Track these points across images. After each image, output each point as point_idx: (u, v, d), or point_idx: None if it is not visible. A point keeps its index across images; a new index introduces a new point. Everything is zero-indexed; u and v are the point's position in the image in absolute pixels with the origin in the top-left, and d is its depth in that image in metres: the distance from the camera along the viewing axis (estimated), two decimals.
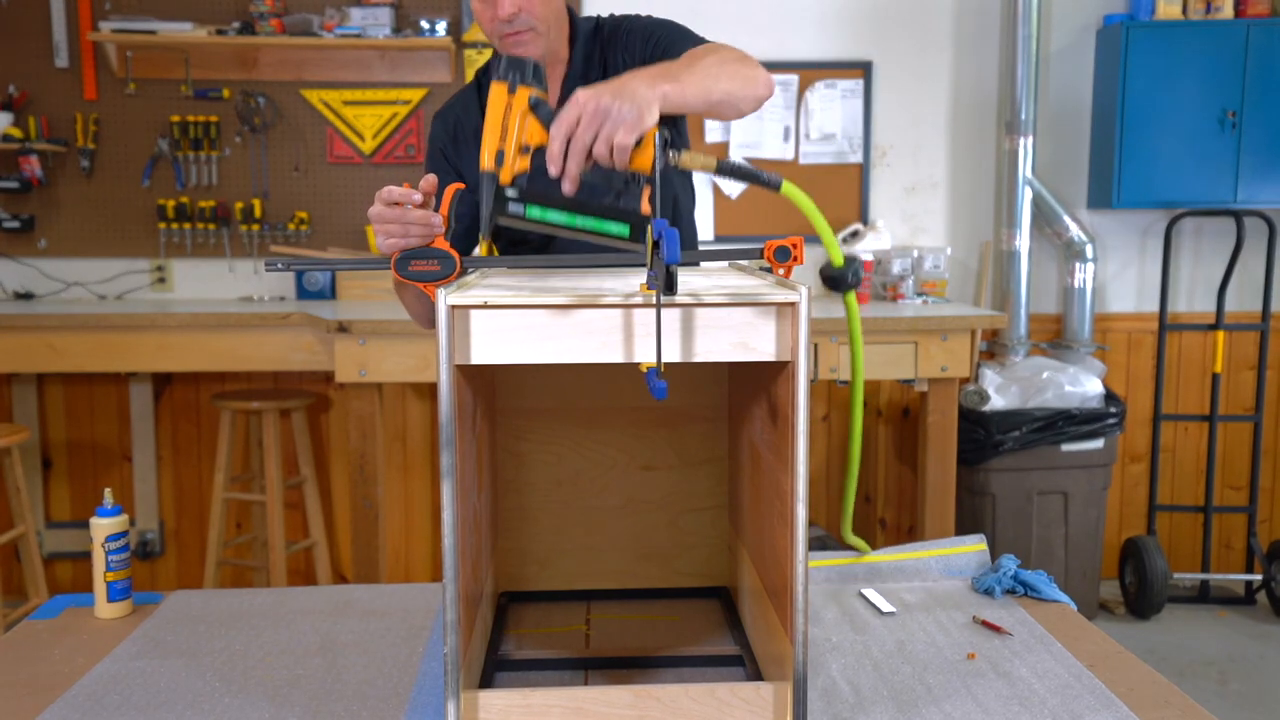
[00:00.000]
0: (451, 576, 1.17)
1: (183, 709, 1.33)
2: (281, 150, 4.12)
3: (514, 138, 1.29)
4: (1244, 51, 3.95)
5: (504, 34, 1.79)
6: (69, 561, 4.26)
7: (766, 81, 1.64)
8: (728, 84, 1.54)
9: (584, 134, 1.26)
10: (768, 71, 1.66)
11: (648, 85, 1.32)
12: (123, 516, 1.64)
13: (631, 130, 1.26)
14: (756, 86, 1.61)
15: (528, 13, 1.77)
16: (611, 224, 1.27)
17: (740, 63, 1.62)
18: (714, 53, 1.63)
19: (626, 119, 1.26)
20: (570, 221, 1.27)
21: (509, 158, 1.28)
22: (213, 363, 3.68)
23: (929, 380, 3.62)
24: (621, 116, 1.26)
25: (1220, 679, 3.51)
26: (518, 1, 1.76)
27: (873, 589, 1.73)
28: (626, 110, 1.26)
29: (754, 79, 1.61)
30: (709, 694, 1.26)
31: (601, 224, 1.27)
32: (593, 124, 1.26)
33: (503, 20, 1.77)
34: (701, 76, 1.49)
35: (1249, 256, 4.17)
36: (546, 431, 1.70)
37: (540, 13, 1.79)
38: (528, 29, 1.79)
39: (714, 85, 1.51)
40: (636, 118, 1.26)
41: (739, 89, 1.57)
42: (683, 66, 1.52)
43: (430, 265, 1.37)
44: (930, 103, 4.24)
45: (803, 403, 1.16)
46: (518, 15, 1.76)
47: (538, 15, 1.78)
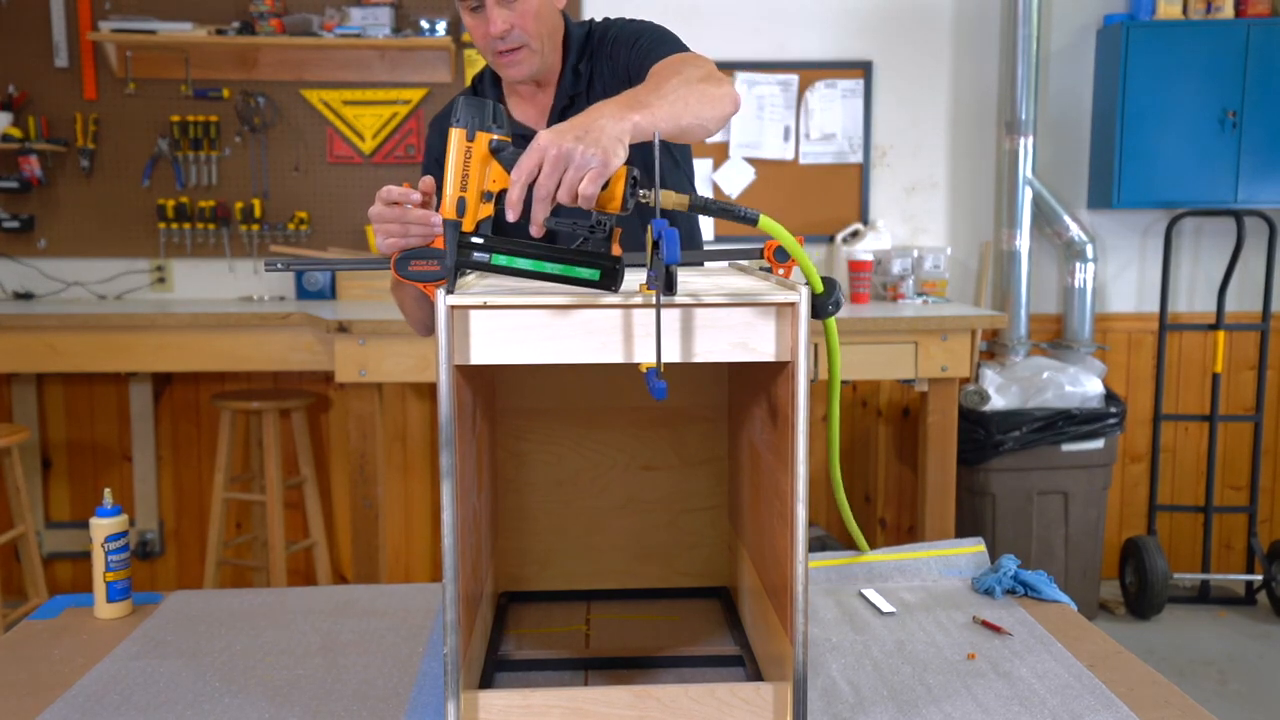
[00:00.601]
0: (451, 576, 1.17)
1: (183, 709, 1.33)
2: (281, 150, 4.12)
3: (475, 184, 1.25)
4: (1244, 51, 3.95)
5: (497, 50, 1.78)
6: (69, 561, 4.26)
7: (733, 99, 1.59)
8: (696, 108, 1.49)
9: (546, 181, 1.20)
10: (732, 85, 1.63)
11: (615, 119, 1.28)
12: (122, 516, 1.64)
13: (597, 177, 1.20)
14: (723, 105, 1.56)
15: (520, 29, 1.76)
16: (581, 269, 1.21)
17: (706, 81, 1.57)
18: (680, 73, 1.58)
19: (591, 165, 1.20)
20: (538, 268, 1.22)
21: (471, 205, 1.25)
22: (213, 363, 3.68)
23: (929, 380, 3.62)
24: (586, 162, 1.20)
25: (1220, 679, 3.51)
26: (509, 18, 1.75)
27: (873, 589, 1.73)
28: (591, 155, 1.20)
29: (721, 98, 1.56)
30: (709, 694, 1.26)
31: (570, 269, 1.21)
32: (555, 170, 1.20)
33: (495, 37, 1.75)
34: (671, 102, 1.45)
35: (1249, 256, 4.17)
36: (546, 431, 1.70)
37: (533, 29, 1.77)
38: (520, 46, 1.78)
39: (683, 110, 1.46)
40: (602, 163, 1.20)
41: (707, 111, 1.52)
42: (650, 91, 1.48)
43: (430, 265, 1.37)
44: (930, 103, 4.24)
45: (803, 403, 1.16)
46: (510, 32, 1.75)
47: (530, 32, 1.77)
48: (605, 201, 1.23)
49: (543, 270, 1.22)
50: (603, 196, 1.23)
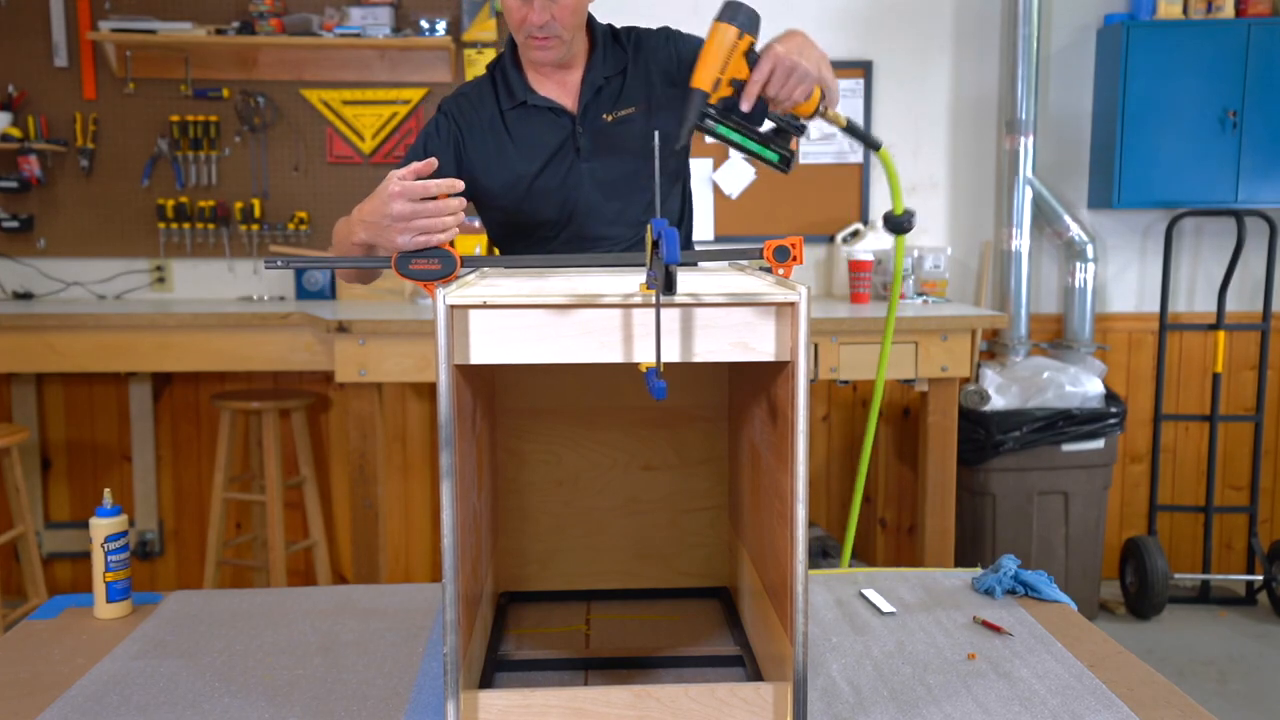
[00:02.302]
0: (451, 576, 1.17)
1: (183, 709, 1.33)
2: (281, 150, 4.12)
3: (730, 72, 1.65)
4: (1245, 51, 3.94)
5: (531, 35, 1.89)
6: (68, 562, 4.25)
7: None
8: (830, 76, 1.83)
9: (774, 83, 1.64)
10: None
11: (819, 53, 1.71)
12: (122, 517, 1.64)
13: (809, 86, 1.67)
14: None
15: (558, 22, 1.87)
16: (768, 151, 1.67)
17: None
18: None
19: (809, 75, 1.66)
20: (742, 141, 1.65)
21: (722, 85, 1.65)
22: (212, 363, 3.67)
23: (929, 380, 3.62)
24: (805, 72, 1.66)
25: (1220, 679, 3.51)
26: (552, 10, 1.86)
27: (873, 589, 1.73)
28: (809, 69, 1.66)
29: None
30: (709, 694, 1.26)
31: (763, 149, 1.66)
32: (782, 76, 1.65)
33: (534, 25, 1.87)
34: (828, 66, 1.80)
35: (1250, 256, 4.17)
36: (546, 431, 1.70)
37: (569, 22, 1.89)
38: (554, 36, 1.89)
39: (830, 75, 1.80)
40: (816, 75, 1.67)
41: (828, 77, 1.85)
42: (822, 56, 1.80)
43: (431, 264, 1.36)
44: (930, 103, 4.24)
45: (802, 403, 1.16)
46: (549, 23, 1.87)
47: (566, 24, 1.88)
48: (805, 108, 1.68)
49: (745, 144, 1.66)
50: (804, 104, 1.68)
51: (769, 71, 1.64)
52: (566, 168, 1.98)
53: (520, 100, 1.97)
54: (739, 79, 1.65)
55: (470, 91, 2.01)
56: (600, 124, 1.97)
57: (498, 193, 1.98)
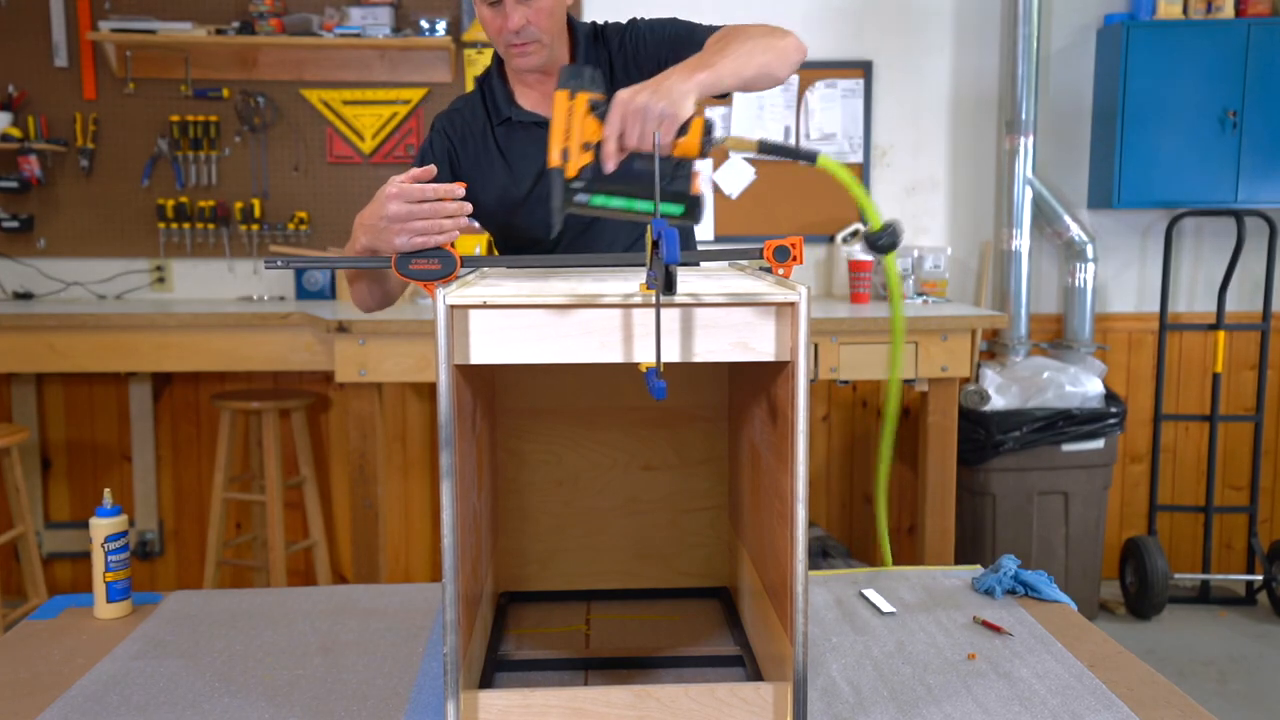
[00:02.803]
0: (451, 576, 1.17)
1: (183, 709, 1.33)
2: (281, 150, 4.12)
3: (577, 137, 1.42)
4: (1245, 51, 3.94)
5: (510, 44, 1.85)
6: (68, 562, 4.25)
7: (796, 47, 1.75)
8: (760, 58, 1.66)
9: (630, 133, 1.40)
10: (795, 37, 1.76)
11: (682, 79, 1.46)
12: (122, 517, 1.64)
13: (670, 127, 1.40)
14: (787, 54, 1.72)
15: (535, 25, 1.83)
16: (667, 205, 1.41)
17: (768, 36, 1.72)
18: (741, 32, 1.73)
19: (664, 114, 1.40)
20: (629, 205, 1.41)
21: (573, 154, 1.42)
22: (212, 363, 3.67)
23: (929, 380, 3.62)
24: (659, 112, 1.40)
25: (1220, 679, 3.51)
26: (526, 15, 1.82)
27: (873, 589, 1.73)
28: (662, 106, 1.40)
29: (784, 48, 1.71)
30: (709, 694, 1.26)
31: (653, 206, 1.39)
32: (635, 122, 1.40)
33: (511, 31, 1.83)
34: (734, 58, 1.61)
35: (1249, 256, 4.17)
36: (546, 431, 1.70)
37: (546, 25, 1.84)
38: (533, 40, 1.85)
39: (747, 62, 1.63)
40: (672, 114, 1.40)
41: (771, 60, 1.68)
42: (715, 52, 1.62)
43: (431, 264, 1.36)
44: (930, 103, 4.24)
45: (803, 403, 1.16)
46: (526, 28, 1.83)
47: (543, 28, 1.84)
48: (685, 147, 1.42)
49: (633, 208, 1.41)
50: (683, 143, 1.42)
51: (620, 121, 1.40)
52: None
53: (505, 117, 1.94)
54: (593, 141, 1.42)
55: (462, 107, 1.99)
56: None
57: (492, 209, 1.96)
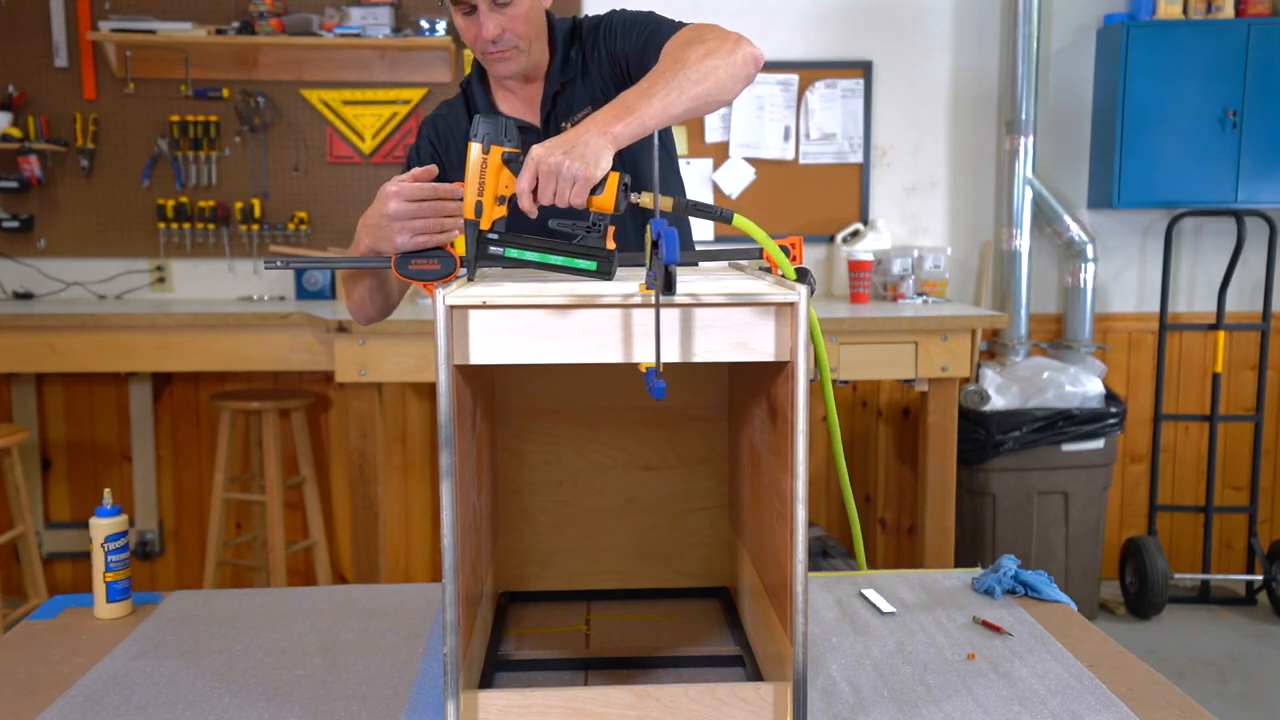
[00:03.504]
0: (451, 576, 1.17)
1: (183, 709, 1.33)
2: (281, 150, 4.12)
3: (491, 190, 1.40)
4: (1244, 51, 3.94)
5: (487, 52, 1.83)
6: (68, 562, 4.25)
7: (746, 60, 1.63)
8: (697, 90, 1.56)
9: (543, 191, 1.38)
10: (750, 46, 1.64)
11: (599, 133, 1.42)
12: (122, 517, 1.64)
13: (581, 189, 1.37)
14: (733, 72, 1.61)
15: (511, 32, 1.80)
16: (579, 261, 1.38)
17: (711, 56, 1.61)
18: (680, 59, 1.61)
19: (577, 176, 1.36)
20: (543, 259, 1.38)
21: (487, 207, 1.40)
22: (213, 363, 3.68)
23: (929, 380, 3.62)
24: (572, 174, 1.36)
25: (1220, 679, 3.51)
26: (501, 23, 1.79)
27: (873, 589, 1.73)
28: (576, 168, 1.36)
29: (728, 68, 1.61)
30: (709, 694, 1.26)
31: (571, 261, 1.38)
32: (548, 182, 1.37)
33: (487, 40, 1.80)
34: (662, 97, 1.52)
35: (1249, 256, 4.17)
36: (546, 431, 1.70)
37: (522, 31, 1.82)
38: (511, 47, 1.82)
39: (678, 99, 1.54)
40: (585, 175, 1.36)
41: (710, 89, 1.58)
42: (640, 94, 1.54)
43: (431, 264, 1.37)
44: (930, 103, 4.24)
45: (802, 403, 1.16)
46: (502, 35, 1.80)
47: (520, 34, 1.82)
48: (601, 205, 1.39)
49: (547, 261, 1.38)
50: (599, 200, 1.39)
51: (531, 179, 1.38)
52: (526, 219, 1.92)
53: None
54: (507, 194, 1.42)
55: (446, 113, 1.98)
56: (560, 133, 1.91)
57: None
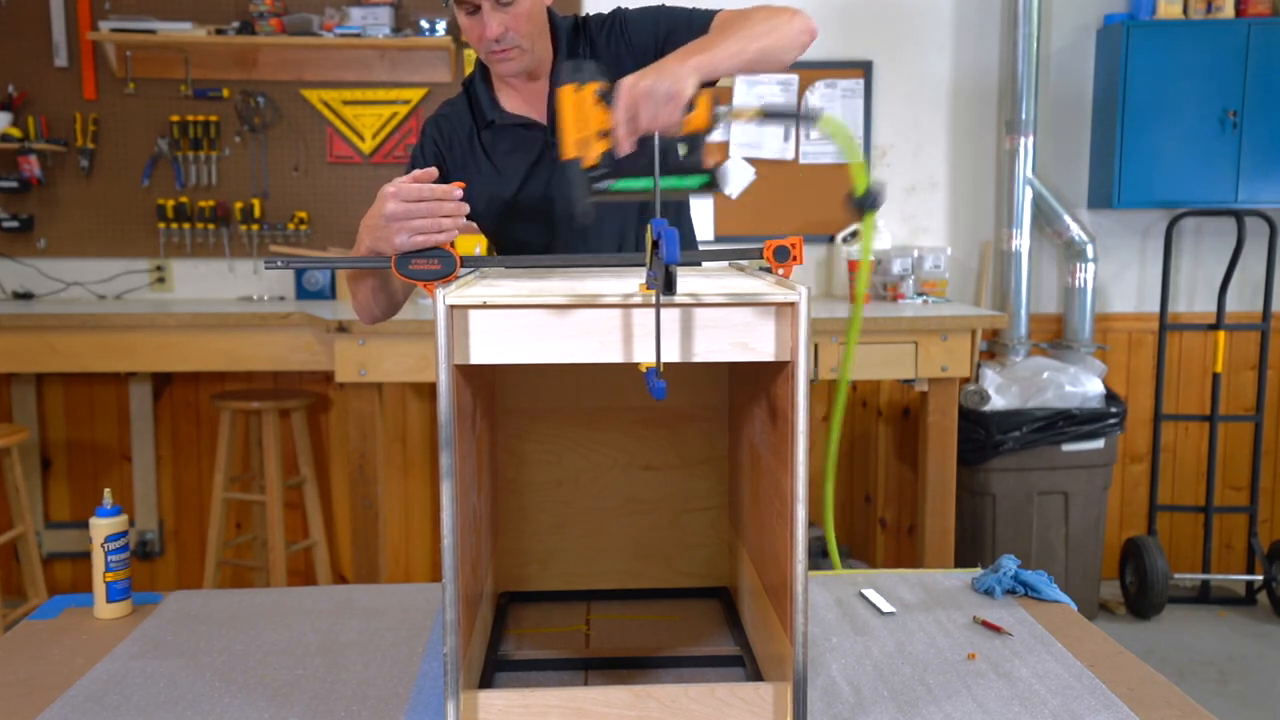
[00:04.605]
0: (451, 576, 1.17)
1: (183, 709, 1.33)
2: (281, 150, 4.12)
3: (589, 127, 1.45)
4: (1245, 51, 3.94)
5: (491, 51, 1.84)
6: (68, 562, 4.25)
7: (804, 28, 1.76)
8: (761, 41, 1.69)
9: (641, 116, 1.43)
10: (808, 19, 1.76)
11: (680, 62, 1.51)
12: (122, 517, 1.64)
13: (676, 105, 1.44)
14: (792, 35, 1.74)
15: (514, 32, 1.81)
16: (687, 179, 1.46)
17: (771, 18, 1.74)
18: (743, 17, 1.74)
19: (671, 93, 1.43)
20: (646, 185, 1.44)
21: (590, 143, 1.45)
22: (213, 363, 3.68)
23: (929, 380, 3.62)
24: (665, 92, 1.43)
25: (1220, 679, 3.51)
26: (504, 22, 1.80)
27: (873, 589, 1.73)
28: (667, 86, 1.43)
29: (789, 30, 1.73)
30: (709, 694, 1.26)
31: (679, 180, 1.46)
32: (644, 106, 1.43)
33: (490, 39, 1.81)
34: (733, 41, 1.65)
35: (1250, 256, 4.17)
36: (546, 431, 1.70)
37: (525, 30, 1.83)
38: (514, 46, 1.83)
39: (746, 46, 1.66)
40: (676, 93, 1.44)
41: (773, 44, 1.70)
42: (714, 38, 1.66)
43: (431, 264, 1.37)
44: (930, 103, 4.24)
45: (802, 403, 1.16)
46: (505, 34, 1.81)
47: (522, 33, 1.83)
48: (695, 123, 1.45)
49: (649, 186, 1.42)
50: (692, 119, 1.45)
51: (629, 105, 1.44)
52: (544, 184, 1.93)
53: (490, 120, 1.93)
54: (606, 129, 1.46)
55: (449, 112, 1.98)
56: None
57: (481, 213, 1.95)
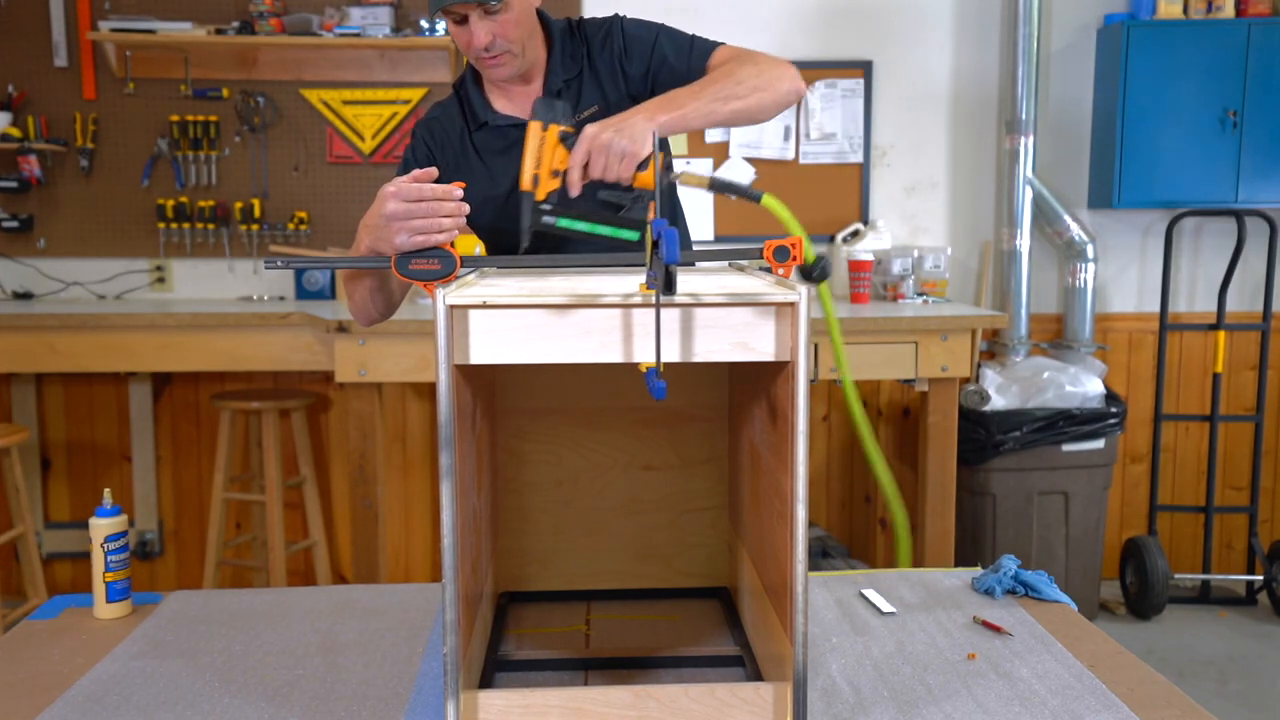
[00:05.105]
0: (451, 576, 1.17)
1: (183, 709, 1.33)
2: (281, 150, 4.12)
3: (546, 165, 1.59)
4: (1245, 51, 3.94)
5: (481, 58, 1.83)
6: (68, 562, 4.25)
7: (791, 90, 1.80)
8: (739, 104, 1.73)
9: (594, 165, 1.56)
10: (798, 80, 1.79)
11: (646, 118, 1.61)
12: (122, 517, 1.64)
13: (630, 162, 1.55)
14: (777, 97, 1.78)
15: (503, 38, 1.81)
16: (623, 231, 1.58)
17: (762, 74, 1.76)
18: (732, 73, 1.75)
19: (625, 151, 1.55)
20: (591, 229, 1.57)
21: (543, 180, 1.59)
22: (212, 363, 3.67)
23: (929, 380, 3.61)
24: (621, 149, 1.55)
25: (1221, 679, 3.51)
26: (492, 29, 1.79)
27: (873, 589, 1.73)
28: (624, 144, 1.55)
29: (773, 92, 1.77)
30: (709, 694, 1.26)
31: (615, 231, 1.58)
32: (599, 157, 1.56)
33: (480, 47, 1.81)
34: (710, 101, 1.70)
35: (1250, 256, 4.17)
36: (546, 431, 1.70)
37: (515, 35, 1.82)
38: (504, 52, 1.83)
39: (720, 108, 1.71)
40: (633, 151, 1.55)
41: (752, 105, 1.76)
42: (692, 93, 1.70)
43: (431, 264, 1.37)
44: (930, 103, 4.24)
45: (802, 403, 1.16)
46: (495, 41, 1.80)
47: (513, 39, 1.82)
48: (644, 181, 1.57)
49: (594, 231, 1.58)
50: (643, 176, 1.56)
51: (585, 154, 1.56)
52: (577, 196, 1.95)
53: (482, 121, 1.92)
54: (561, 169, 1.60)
55: (440, 114, 1.97)
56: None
57: (473, 215, 1.95)
